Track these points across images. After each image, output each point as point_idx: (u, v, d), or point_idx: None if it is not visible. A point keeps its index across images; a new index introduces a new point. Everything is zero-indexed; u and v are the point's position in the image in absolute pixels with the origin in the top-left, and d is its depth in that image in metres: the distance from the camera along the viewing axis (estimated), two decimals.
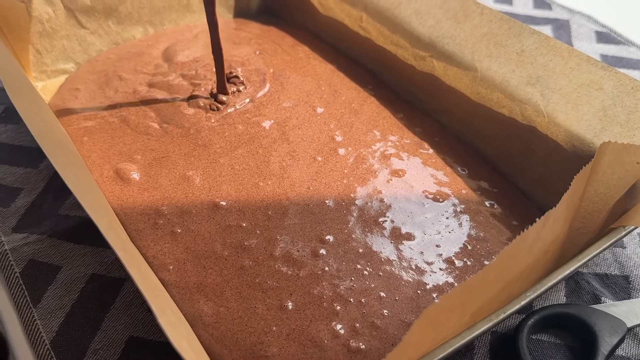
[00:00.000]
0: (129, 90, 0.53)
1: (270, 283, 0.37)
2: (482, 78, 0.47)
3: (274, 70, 0.57)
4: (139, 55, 0.58)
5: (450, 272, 0.39)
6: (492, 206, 0.45)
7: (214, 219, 0.41)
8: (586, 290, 0.41)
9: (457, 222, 0.43)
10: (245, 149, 0.47)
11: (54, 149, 0.36)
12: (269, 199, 0.43)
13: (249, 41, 0.61)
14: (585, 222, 0.37)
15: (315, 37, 0.64)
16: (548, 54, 0.44)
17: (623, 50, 0.67)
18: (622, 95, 0.40)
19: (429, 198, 0.45)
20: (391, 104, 0.54)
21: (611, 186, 0.36)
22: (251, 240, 0.40)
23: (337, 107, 0.53)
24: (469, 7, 0.48)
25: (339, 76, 0.57)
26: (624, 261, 0.43)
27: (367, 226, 0.42)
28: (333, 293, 0.37)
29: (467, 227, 0.43)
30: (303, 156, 0.47)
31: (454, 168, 0.47)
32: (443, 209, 0.44)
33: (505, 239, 0.42)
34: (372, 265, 0.39)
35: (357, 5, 0.57)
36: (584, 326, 0.37)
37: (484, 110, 0.48)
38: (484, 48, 0.47)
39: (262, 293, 0.37)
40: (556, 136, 0.43)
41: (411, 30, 0.52)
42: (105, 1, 0.56)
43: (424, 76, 0.52)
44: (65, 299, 0.39)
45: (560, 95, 0.43)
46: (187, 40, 0.60)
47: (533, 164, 0.45)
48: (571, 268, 0.33)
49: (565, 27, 0.70)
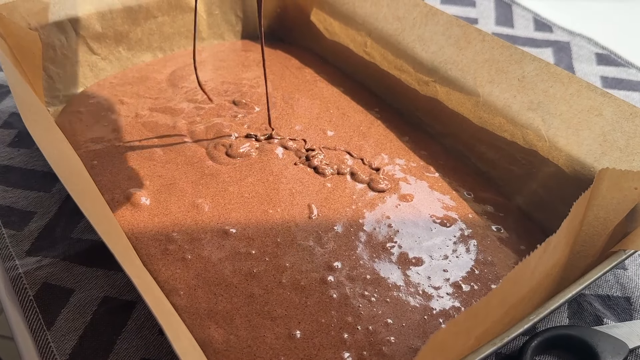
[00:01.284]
0: (130, 114, 0.54)
1: (279, 311, 0.38)
2: (484, 103, 0.48)
3: (282, 93, 0.58)
4: (143, 80, 0.59)
5: (457, 297, 0.40)
6: (498, 230, 0.45)
7: (223, 246, 0.42)
8: (588, 312, 0.42)
9: (464, 246, 0.44)
10: (256, 177, 0.48)
11: (70, 177, 0.37)
12: (278, 226, 0.44)
13: (258, 63, 0.62)
14: (585, 245, 0.38)
15: (321, 60, 0.65)
16: (549, 80, 0.45)
17: (623, 72, 0.68)
18: (621, 121, 0.41)
19: (436, 223, 0.45)
20: (397, 127, 0.55)
21: (610, 211, 0.36)
22: (260, 267, 0.41)
23: (345, 130, 0.54)
24: (471, 34, 0.49)
25: (345, 99, 0.58)
26: (625, 283, 0.44)
27: (375, 252, 0.42)
28: (341, 321, 0.37)
29: (474, 252, 0.43)
30: (313, 182, 0.48)
31: (459, 192, 0.48)
32: (450, 234, 0.45)
33: (512, 263, 0.43)
34: (380, 292, 0.40)
35: (362, 31, 0.58)
36: (587, 348, 0.38)
37: (486, 135, 0.49)
38: (486, 74, 0.48)
39: (270, 321, 0.37)
40: (557, 160, 0.44)
41: (414, 56, 0.54)
42: (116, 28, 0.58)
43: (428, 100, 0.53)
44: (78, 322, 0.40)
45: (561, 120, 0.44)
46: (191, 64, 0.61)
47: (535, 187, 0.46)
48: (572, 292, 0.34)
49: (565, 49, 0.71)
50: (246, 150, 0.50)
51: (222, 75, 0.61)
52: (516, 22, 0.77)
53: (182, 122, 0.53)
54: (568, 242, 0.35)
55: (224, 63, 0.63)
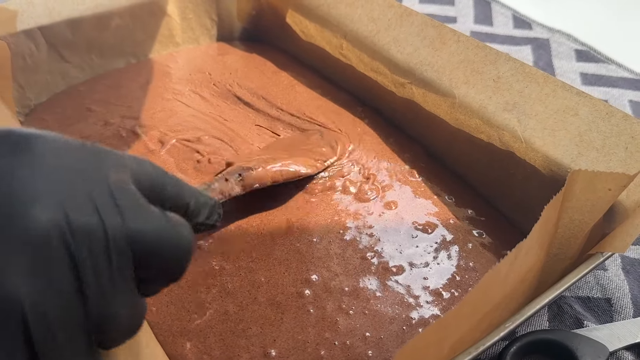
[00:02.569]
0: (99, 122, 0.53)
1: (254, 329, 0.37)
2: (460, 104, 0.48)
3: (260, 99, 0.57)
4: (115, 88, 0.58)
5: (437, 305, 0.39)
6: (480, 235, 0.45)
7: (196, 260, 0.41)
8: (569, 314, 0.41)
9: (445, 253, 0.43)
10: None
11: None
12: (253, 240, 0.43)
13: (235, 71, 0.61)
14: (562, 248, 0.37)
15: (298, 63, 0.64)
16: (524, 80, 0.44)
17: (602, 68, 0.68)
18: (597, 121, 0.41)
19: (418, 229, 0.45)
20: (382, 129, 0.54)
21: (585, 213, 0.36)
22: (235, 283, 0.39)
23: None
24: (446, 34, 0.49)
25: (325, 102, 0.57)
26: (605, 284, 0.44)
27: (354, 262, 0.42)
28: (318, 337, 0.37)
29: (455, 258, 0.43)
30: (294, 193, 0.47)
31: (441, 197, 0.48)
32: (432, 240, 0.44)
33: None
34: (357, 304, 0.39)
35: (337, 33, 0.58)
36: (567, 352, 0.37)
37: (463, 136, 0.48)
38: (461, 75, 0.48)
39: (245, 340, 0.36)
40: (534, 161, 0.43)
41: (390, 58, 0.53)
42: (86, 34, 0.57)
43: (405, 102, 0.53)
44: None
45: (536, 121, 0.43)
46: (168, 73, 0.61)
47: (512, 189, 0.45)
48: (549, 297, 0.34)
49: (545, 47, 0.71)
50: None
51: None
52: (495, 19, 0.76)
53: (153, 131, 0.52)
54: (542, 246, 0.34)
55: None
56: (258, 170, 0.42)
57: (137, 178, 0.26)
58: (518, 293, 0.34)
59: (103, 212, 0.23)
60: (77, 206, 0.22)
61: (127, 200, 0.24)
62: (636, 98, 0.63)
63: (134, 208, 0.24)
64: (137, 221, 0.24)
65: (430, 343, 0.27)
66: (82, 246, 0.22)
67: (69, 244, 0.21)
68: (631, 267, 0.45)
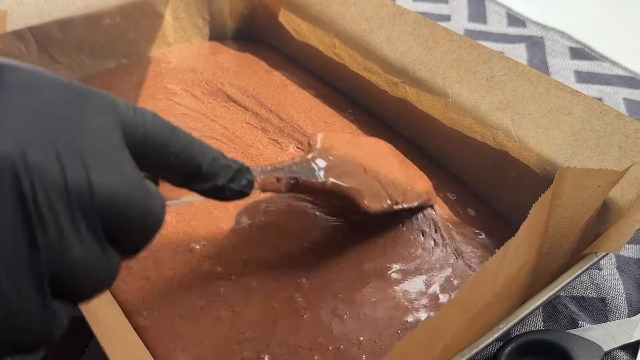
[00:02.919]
0: None
1: (246, 334, 0.36)
2: (453, 104, 0.47)
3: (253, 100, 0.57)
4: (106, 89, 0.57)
5: (434, 308, 0.39)
6: (479, 235, 0.44)
7: (188, 264, 0.40)
8: (563, 314, 0.41)
9: (443, 254, 0.43)
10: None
11: None
12: (244, 244, 0.42)
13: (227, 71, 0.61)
14: (554, 247, 0.37)
15: (290, 62, 0.64)
16: (517, 79, 0.44)
17: (597, 65, 0.67)
18: (591, 120, 0.40)
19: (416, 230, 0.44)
20: (372, 129, 0.54)
21: (576, 211, 0.36)
22: (227, 287, 0.39)
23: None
24: (439, 33, 0.48)
25: (318, 103, 0.57)
26: (600, 283, 0.44)
27: (349, 265, 0.41)
28: (311, 342, 0.36)
29: (453, 259, 0.42)
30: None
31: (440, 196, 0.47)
32: (430, 241, 0.43)
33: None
34: (352, 308, 0.38)
35: (330, 32, 0.57)
36: (561, 352, 0.37)
37: (457, 136, 0.48)
38: (455, 74, 0.47)
39: (238, 345, 0.36)
40: (528, 161, 0.43)
41: (383, 57, 0.53)
42: (77, 35, 0.56)
43: (398, 102, 0.52)
44: None
45: (530, 120, 0.43)
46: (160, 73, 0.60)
47: (506, 188, 0.45)
48: (543, 298, 0.33)
49: (539, 44, 0.71)
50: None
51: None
52: (489, 17, 0.76)
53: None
54: (533, 244, 0.34)
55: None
56: (318, 181, 0.37)
57: (129, 129, 0.24)
58: (510, 292, 0.34)
59: (67, 159, 0.21)
60: (39, 147, 0.21)
61: (100, 152, 0.22)
62: (630, 95, 0.63)
63: (104, 162, 0.22)
64: (102, 177, 0.22)
65: (420, 345, 0.27)
66: (36, 187, 0.20)
67: (21, 180, 0.20)
68: (626, 265, 0.45)
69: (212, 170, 0.29)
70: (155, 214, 0.25)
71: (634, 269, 0.45)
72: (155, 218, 0.25)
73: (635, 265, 0.45)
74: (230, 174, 0.30)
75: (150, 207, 0.24)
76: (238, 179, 0.31)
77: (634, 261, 0.45)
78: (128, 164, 0.24)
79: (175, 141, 0.27)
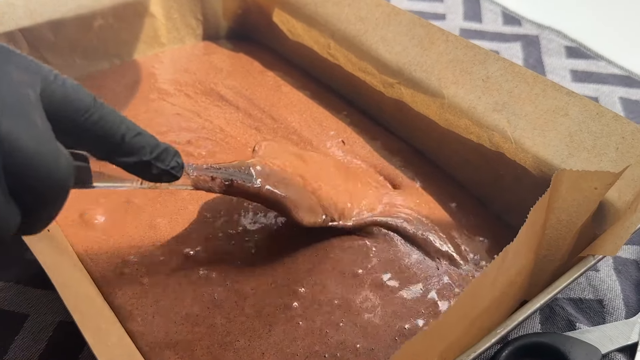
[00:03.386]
0: None
1: (241, 342, 0.36)
2: (449, 105, 0.47)
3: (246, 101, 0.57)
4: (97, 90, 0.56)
5: (432, 315, 0.38)
6: (481, 242, 0.44)
7: (182, 269, 0.40)
8: (561, 316, 0.41)
9: (443, 261, 0.42)
10: (218, 195, 0.44)
11: None
12: (239, 250, 0.42)
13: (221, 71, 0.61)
14: (551, 249, 0.37)
15: (284, 62, 0.63)
16: (513, 80, 0.44)
17: (593, 64, 0.67)
18: (587, 121, 0.40)
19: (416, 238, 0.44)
20: (368, 130, 0.54)
21: (572, 213, 0.36)
22: (221, 293, 0.39)
23: (315, 139, 0.53)
24: (434, 33, 0.48)
25: (312, 104, 0.57)
26: (597, 285, 0.43)
27: (346, 272, 0.41)
28: (306, 349, 0.36)
29: (453, 267, 0.42)
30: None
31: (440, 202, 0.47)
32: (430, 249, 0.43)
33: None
34: (348, 315, 0.38)
35: (325, 32, 0.57)
36: (559, 355, 0.37)
37: (453, 137, 0.47)
38: (450, 75, 0.47)
39: (233, 353, 0.35)
40: (524, 162, 0.43)
41: (378, 57, 0.52)
42: (69, 36, 0.56)
43: (394, 103, 0.52)
44: (32, 349, 0.38)
45: (526, 121, 0.43)
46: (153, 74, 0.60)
47: (503, 190, 0.45)
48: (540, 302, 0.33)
49: (534, 43, 0.71)
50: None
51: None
52: (484, 16, 0.76)
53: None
54: (531, 248, 0.34)
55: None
56: (254, 186, 0.38)
57: (49, 87, 0.25)
58: (508, 296, 0.34)
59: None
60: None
61: (13, 102, 0.23)
62: (626, 95, 0.63)
63: (15, 111, 0.23)
64: (10, 124, 0.22)
65: (418, 352, 0.27)
66: None
67: None
68: (623, 267, 0.45)
69: (136, 143, 0.29)
70: (61, 173, 0.24)
71: (632, 270, 0.45)
72: (59, 177, 0.24)
73: (633, 266, 0.45)
74: (157, 151, 0.30)
75: (56, 164, 0.24)
76: (166, 158, 0.31)
77: (631, 262, 0.45)
78: (40, 118, 0.24)
79: (97, 110, 0.27)
